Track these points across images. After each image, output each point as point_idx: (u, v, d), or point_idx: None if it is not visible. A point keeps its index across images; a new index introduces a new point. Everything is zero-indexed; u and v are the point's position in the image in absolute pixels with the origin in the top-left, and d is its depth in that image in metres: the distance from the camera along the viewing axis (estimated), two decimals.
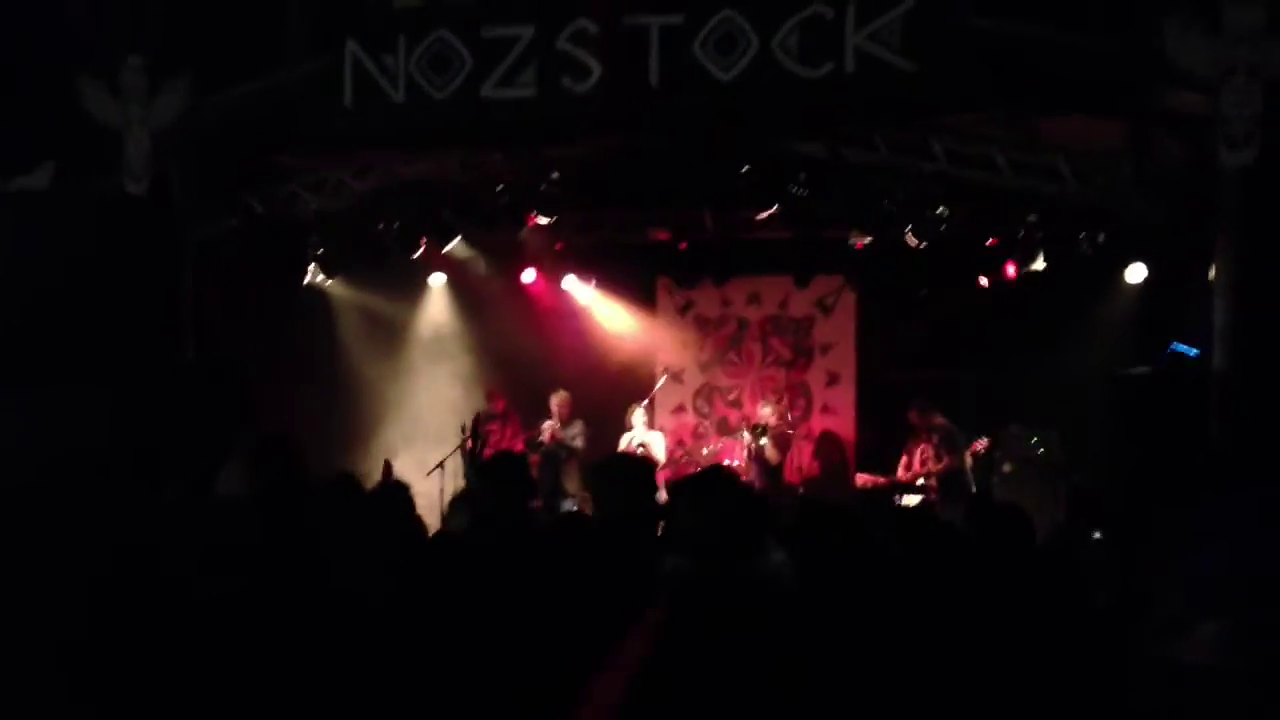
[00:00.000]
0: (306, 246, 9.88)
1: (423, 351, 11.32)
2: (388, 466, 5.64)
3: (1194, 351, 8.41)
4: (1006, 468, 9.53)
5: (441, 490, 8.89)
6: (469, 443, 9.72)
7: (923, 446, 9.58)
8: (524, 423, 10.65)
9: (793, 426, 10.64)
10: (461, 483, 9.31)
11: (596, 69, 7.95)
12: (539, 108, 8.09)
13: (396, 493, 4.97)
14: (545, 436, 10.23)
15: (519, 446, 10.62)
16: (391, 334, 11.22)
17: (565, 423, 10.26)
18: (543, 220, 9.35)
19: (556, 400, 10.35)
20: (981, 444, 9.51)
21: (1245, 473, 7.19)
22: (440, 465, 9.50)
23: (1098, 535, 8.13)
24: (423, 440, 10.71)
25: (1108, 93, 7.58)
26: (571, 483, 9.96)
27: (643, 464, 4.65)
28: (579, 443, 10.15)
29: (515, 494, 4.57)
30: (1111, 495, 8.32)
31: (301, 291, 10.20)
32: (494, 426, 10.60)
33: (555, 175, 9.02)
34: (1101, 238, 8.72)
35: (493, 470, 4.86)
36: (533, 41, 8.02)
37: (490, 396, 10.79)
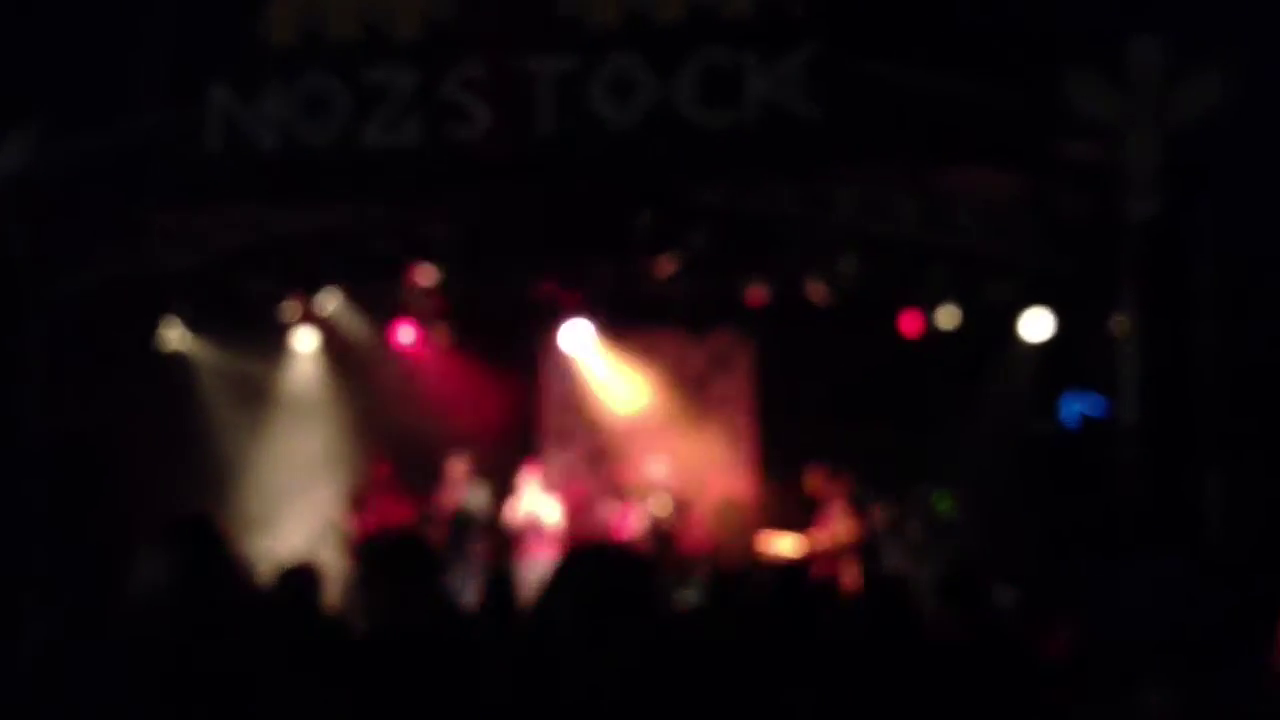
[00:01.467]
0: (167, 307, 9.16)
1: (295, 418, 10.60)
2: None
3: (1095, 407, 8.38)
4: (912, 528, 9.29)
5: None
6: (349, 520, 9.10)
7: (828, 508, 9.25)
8: (410, 490, 10.00)
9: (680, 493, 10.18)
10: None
11: (485, 115, 7.58)
12: (423, 156, 7.69)
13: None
14: (442, 507, 9.52)
15: (406, 514, 9.94)
16: (261, 399, 10.50)
17: (468, 487, 9.57)
18: (428, 272, 8.83)
19: (457, 463, 9.66)
20: (879, 515, 9.22)
21: (1155, 528, 7.13)
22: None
23: (1010, 592, 7.96)
24: (298, 512, 10.02)
25: (1011, 145, 7.54)
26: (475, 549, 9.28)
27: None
28: (485, 502, 9.48)
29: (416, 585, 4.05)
30: (1020, 552, 8.20)
31: (162, 356, 9.45)
32: (377, 496, 9.93)
33: (441, 226, 8.54)
34: (1006, 289, 8.58)
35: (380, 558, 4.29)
36: (417, 86, 7.61)
37: (375, 463, 10.10)
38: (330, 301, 9.38)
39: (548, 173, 7.80)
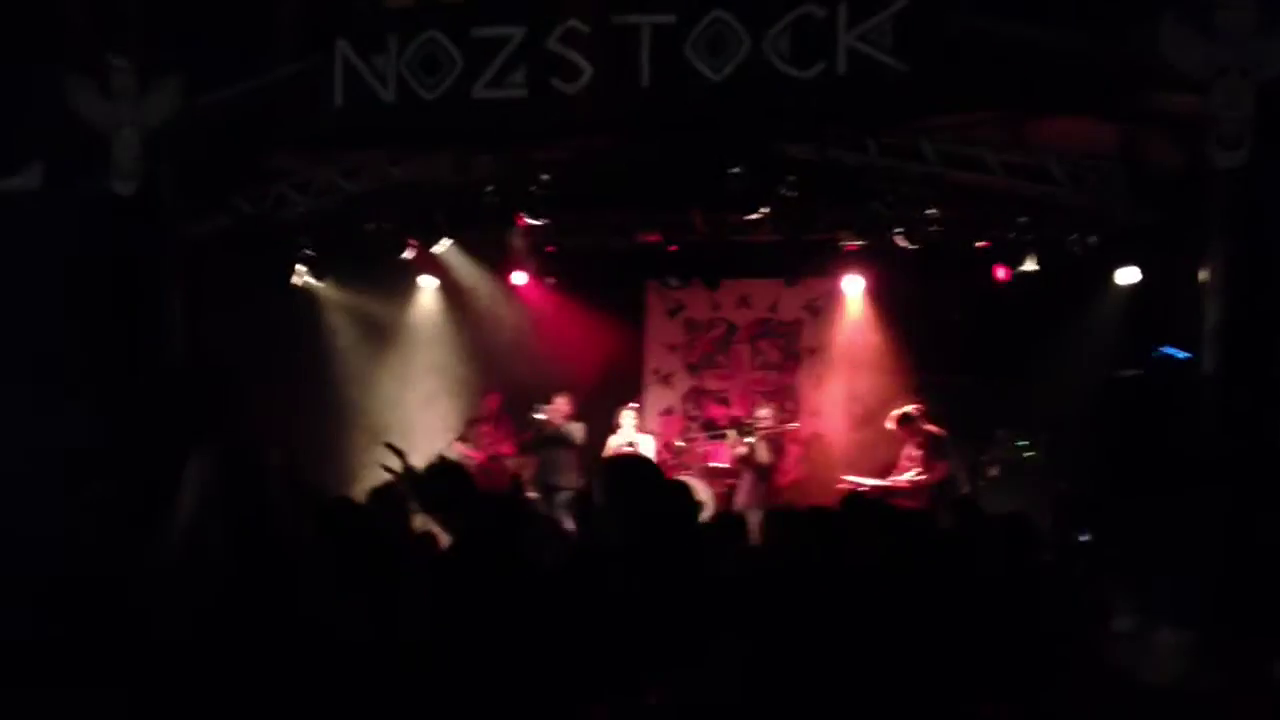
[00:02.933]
0: (295, 248, 9.82)
1: (412, 353, 11.26)
2: (391, 449, 5.58)
3: (1184, 355, 8.41)
4: (993, 472, 9.51)
5: None
6: (461, 445, 9.70)
7: (908, 451, 9.55)
8: (516, 425, 10.61)
9: (785, 427, 10.60)
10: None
11: (587, 69, 7.91)
12: (529, 109, 8.04)
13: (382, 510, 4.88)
14: (547, 418, 10.17)
15: (510, 450, 10.58)
16: (381, 335, 11.17)
17: (567, 422, 10.26)
18: (532, 222, 9.31)
19: (560, 399, 10.34)
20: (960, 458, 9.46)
21: (1235, 474, 7.20)
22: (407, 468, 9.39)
23: (1085, 539, 8.15)
24: (412, 441, 10.63)
25: (1100, 95, 7.57)
26: (568, 477, 9.92)
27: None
28: (579, 437, 10.14)
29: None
30: (1097, 500, 8.32)
31: (290, 293, 10.13)
32: (487, 428, 10.56)
33: (545, 177, 8.98)
34: (1093, 240, 8.69)
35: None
36: (523, 42, 7.98)
37: (485, 396, 10.75)
38: (445, 246, 9.91)
39: (646, 126, 8.11)
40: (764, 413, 10.27)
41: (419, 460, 9.37)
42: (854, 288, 10.77)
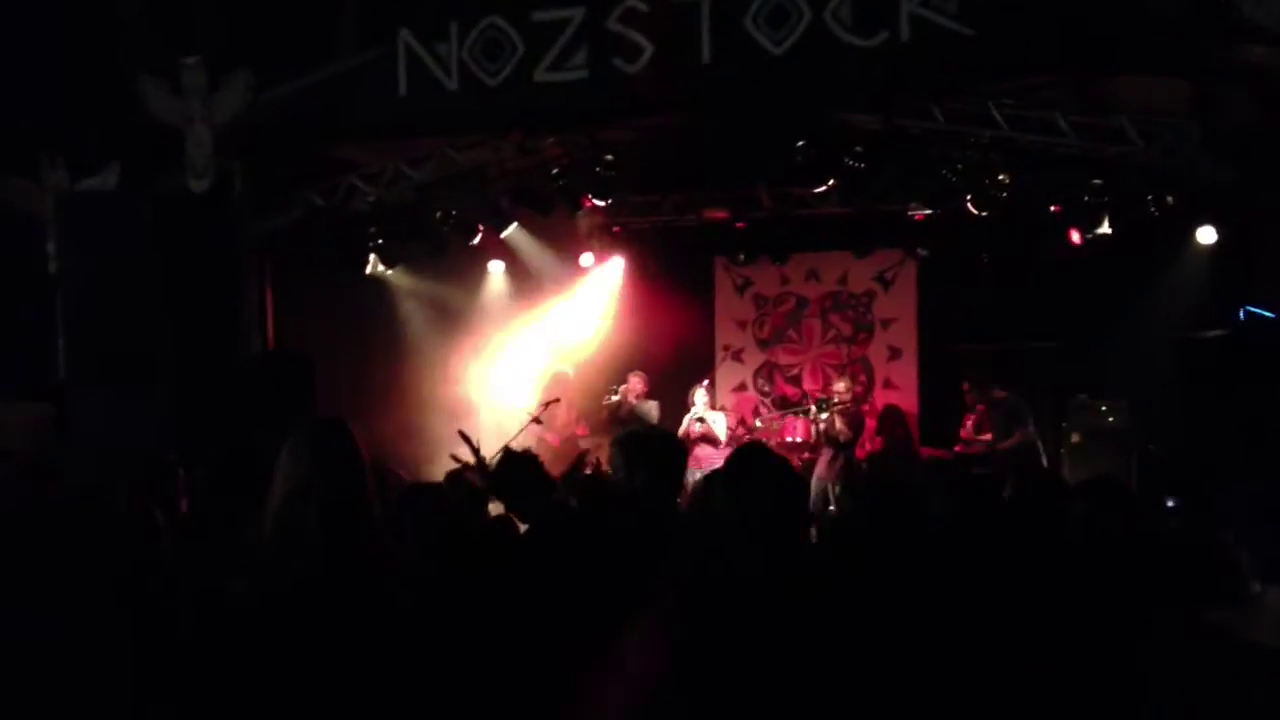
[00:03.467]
0: (366, 237, 9.97)
1: (484, 336, 11.37)
2: (464, 438, 5.66)
3: (1270, 315, 8.20)
4: (1075, 438, 9.35)
5: None
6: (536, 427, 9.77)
7: (976, 418, 9.46)
8: (589, 405, 10.68)
9: (863, 401, 10.57)
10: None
11: (648, 48, 7.89)
12: (591, 90, 8.05)
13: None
14: (622, 397, 10.24)
15: (582, 430, 10.65)
16: (453, 320, 11.29)
17: (641, 400, 10.30)
18: (598, 203, 9.33)
19: (635, 378, 10.39)
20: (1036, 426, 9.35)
21: None
22: (505, 449, 9.50)
23: (1171, 503, 7.99)
24: (487, 424, 10.76)
25: (1175, 50, 7.37)
26: None
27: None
28: (655, 415, 10.20)
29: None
30: (1184, 463, 8.15)
31: (363, 282, 10.29)
32: (559, 410, 10.64)
33: (609, 157, 9.00)
34: (1170, 200, 8.50)
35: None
36: (583, 23, 7.98)
37: (556, 378, 10.84)
38: (512, 229, 9.98)
39: (708, 102, 8.09)
40: (840, 386, 10.22)
41: (495, 442, 9.50)
42: (925, 257, 10.66)
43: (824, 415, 9.91)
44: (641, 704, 2.67)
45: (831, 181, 8.72)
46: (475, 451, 5.56)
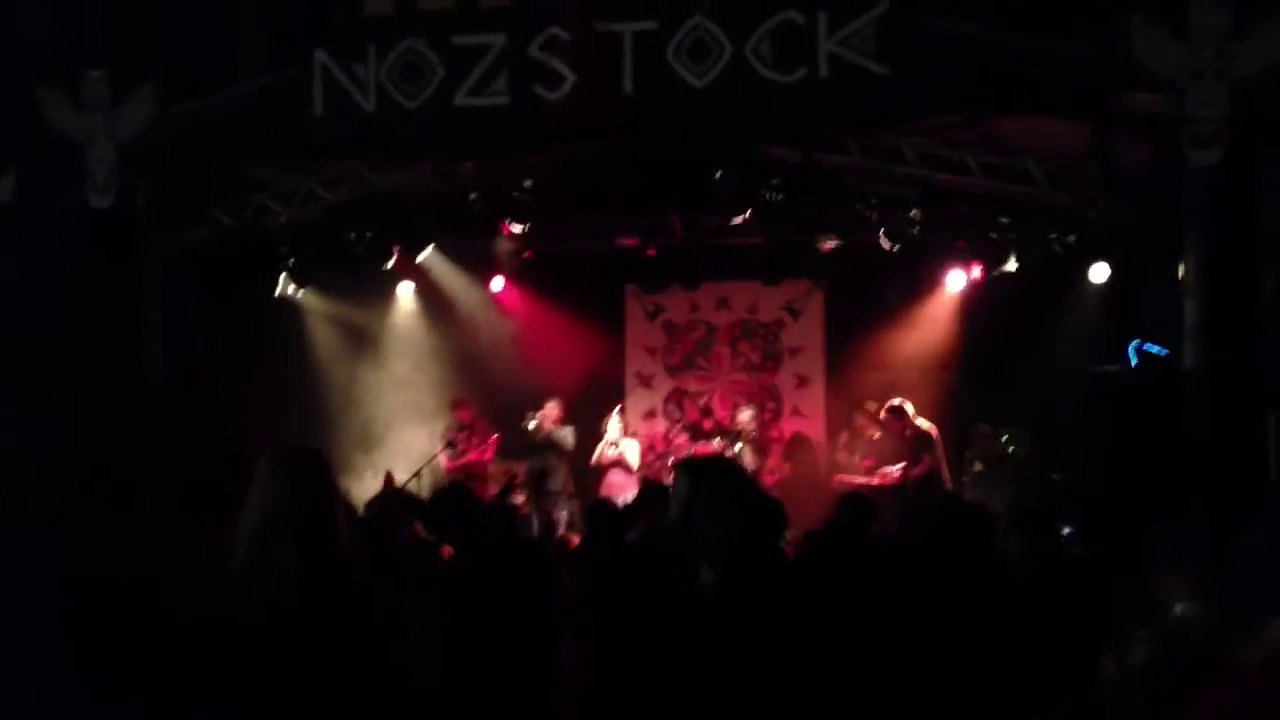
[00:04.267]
0: (277, 258, 9.78)
1: (395, 361, 11.24)
2: (389, 479, 5.61)
3: (1160, 350, 8.55)
4: (977, 467, 9.62)
5: None
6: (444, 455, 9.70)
7: (895, 447, 9.66)
8: (496, 431, 10.62)
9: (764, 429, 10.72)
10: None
11: (570, 76, 7.92)
12: (511, 116, 8.05)
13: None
14: (539, 423, 10.20)
15: (488, 456, 10.58)
16: (364, 343, 11.15)
17: (557, 427, 10.31)
18: (516, 228, 9.32)
19: (551, 405, 10.38)
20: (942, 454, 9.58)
21: (1217, 470, 7.31)
22: (416, 475, 9.44)
23: (1067, 530, 8.24)
24: (393, 450, 10.65)
25: (1076, 96, 7.68)
26: (557, 482, 9.96)
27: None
28: (570, 442, 10.20)
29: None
30: (1082, 492, 8.42)
31: (273, 303, 10.09)
32: (461, 437, 10.56)
33: (528, 183, 9.00)
34: (1071, 238, 8.82)
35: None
36: (505, 49, 7.98)
37: (456, 406, 10.74)
38: (427, 254, 9.90)
39: (629, 132, 8.15)
40: (745, 415, 10.34)
41: (402, 470, 9.38)
42: (832, 287, 10.87)
43: (738, 448, 10.00)
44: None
45: (749, 212, 8.83)
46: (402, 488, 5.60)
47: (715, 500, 2.98)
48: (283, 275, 9.96)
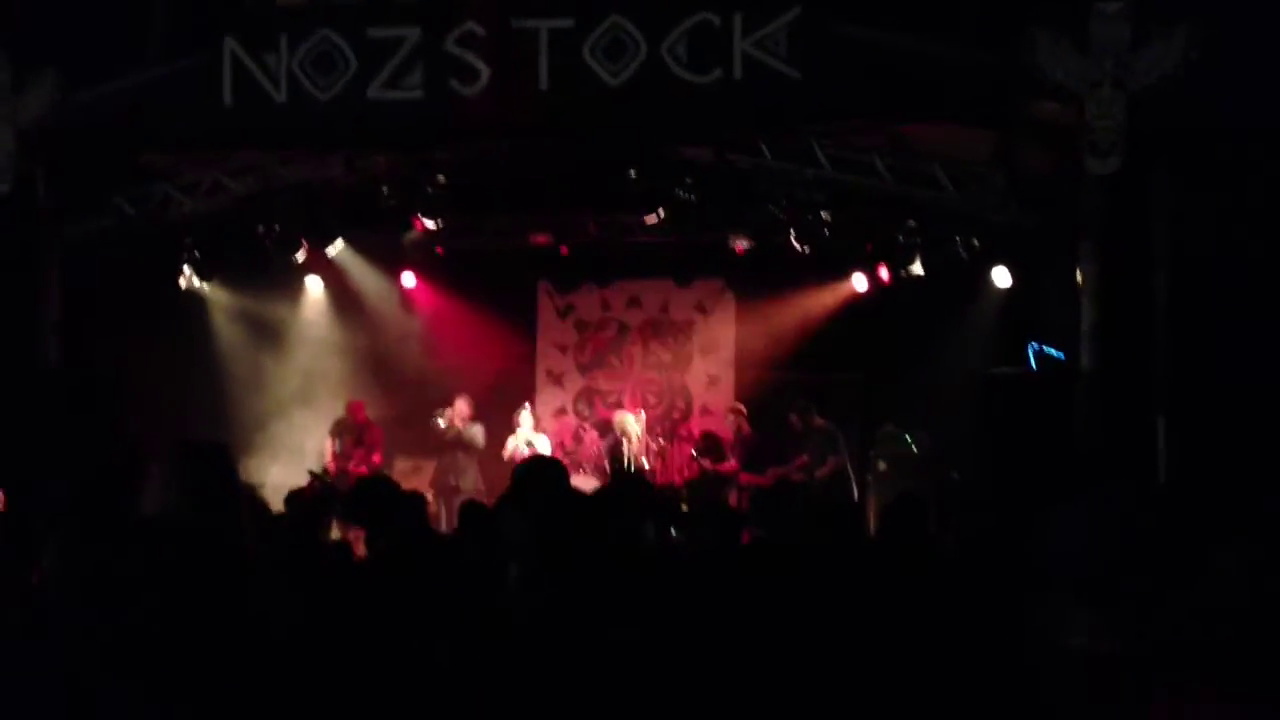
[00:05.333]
0: (181, 249, 9.58)
1: (299, 356, 11.06)
2: (313, 477, 5.54)
3: (1056, 353, 8.82)
4: (881, 466, 9.80)
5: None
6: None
7: (805, 447, 9.81)
8: (386, 434, 10.55)
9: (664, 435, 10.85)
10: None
11: (485, 72, 7.92)
12: (425, 110, 8.02)
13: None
14: (449, 421, 10.13)
15: (378, 458, 10.46)
16: (268, 338, 10.95)
17: (467, 425, 10.24)
18: (428, 223, 9.25)
19: (461, 402, 10.29)
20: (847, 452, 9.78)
21: (1108, 470, 7.56)
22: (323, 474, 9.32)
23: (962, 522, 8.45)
24: (299, 449, 10.50)
25: (981, 102, 7.89)
26: (469, 479, 9.91)
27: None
28: (481, 439, 10.16)
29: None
30: (978, 490, 8.65)
31: (177, 295, 9.88)
32: (348, 441, 10.42)
33: (441, 178, 8.95)
34: (975, 243, 9.04)
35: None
36: (419, 43, 7.95)
37: (350, 408, 10.62)
38: (336, 248, 9.78)
39: (542, 129, 8.16)
40: (629, 419, 10.42)
41: (295, 468, 9.21)
42: (742, 288, 10.98)
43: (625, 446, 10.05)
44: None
45: (661, 211, 8.89)
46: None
47: (521, 499, 2.99)
48: (187, 267, 9.72)
